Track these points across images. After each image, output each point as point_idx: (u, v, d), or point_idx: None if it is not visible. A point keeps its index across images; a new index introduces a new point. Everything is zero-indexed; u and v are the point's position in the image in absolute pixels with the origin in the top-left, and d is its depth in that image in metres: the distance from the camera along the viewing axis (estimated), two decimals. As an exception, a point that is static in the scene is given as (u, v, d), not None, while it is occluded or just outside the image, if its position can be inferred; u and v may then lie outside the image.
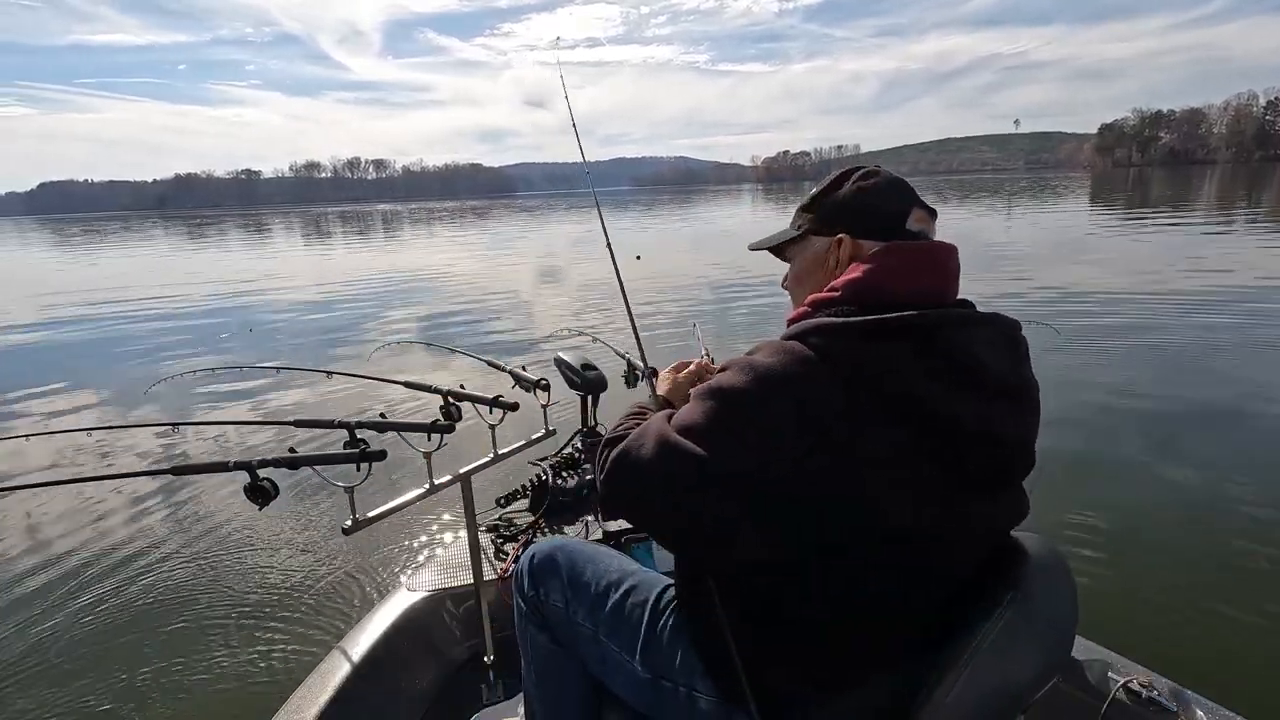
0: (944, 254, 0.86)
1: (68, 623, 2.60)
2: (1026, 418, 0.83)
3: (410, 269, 15.04)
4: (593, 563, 1.09)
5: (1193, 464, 3.49)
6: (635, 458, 0.81)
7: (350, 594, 2.67)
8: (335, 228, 41.40)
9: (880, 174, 0.93)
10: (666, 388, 1.11)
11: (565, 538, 1.29)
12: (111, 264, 21.21)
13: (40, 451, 4.19)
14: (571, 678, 1.10)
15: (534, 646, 1.14)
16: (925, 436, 0.73)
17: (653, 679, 0.97)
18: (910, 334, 0.75)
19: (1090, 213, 23.95)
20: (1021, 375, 0.84)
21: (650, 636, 0.98)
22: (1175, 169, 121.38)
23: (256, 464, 1.17)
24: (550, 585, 1.10)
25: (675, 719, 0.95)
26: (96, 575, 2.92)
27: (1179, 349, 5.58)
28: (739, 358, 0.80)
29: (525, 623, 1.15)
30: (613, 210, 47.57)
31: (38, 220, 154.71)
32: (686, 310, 8.24)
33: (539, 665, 1.15)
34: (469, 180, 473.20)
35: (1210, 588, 2.50)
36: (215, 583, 2.82)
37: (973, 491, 0.78)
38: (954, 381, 0.75)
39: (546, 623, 1.11)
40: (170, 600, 2.72)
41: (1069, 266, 10.47)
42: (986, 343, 0.79)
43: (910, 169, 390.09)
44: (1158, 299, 7.54)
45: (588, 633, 1.04)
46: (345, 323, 8.82)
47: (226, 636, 2.46)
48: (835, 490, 0.72)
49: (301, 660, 2.27)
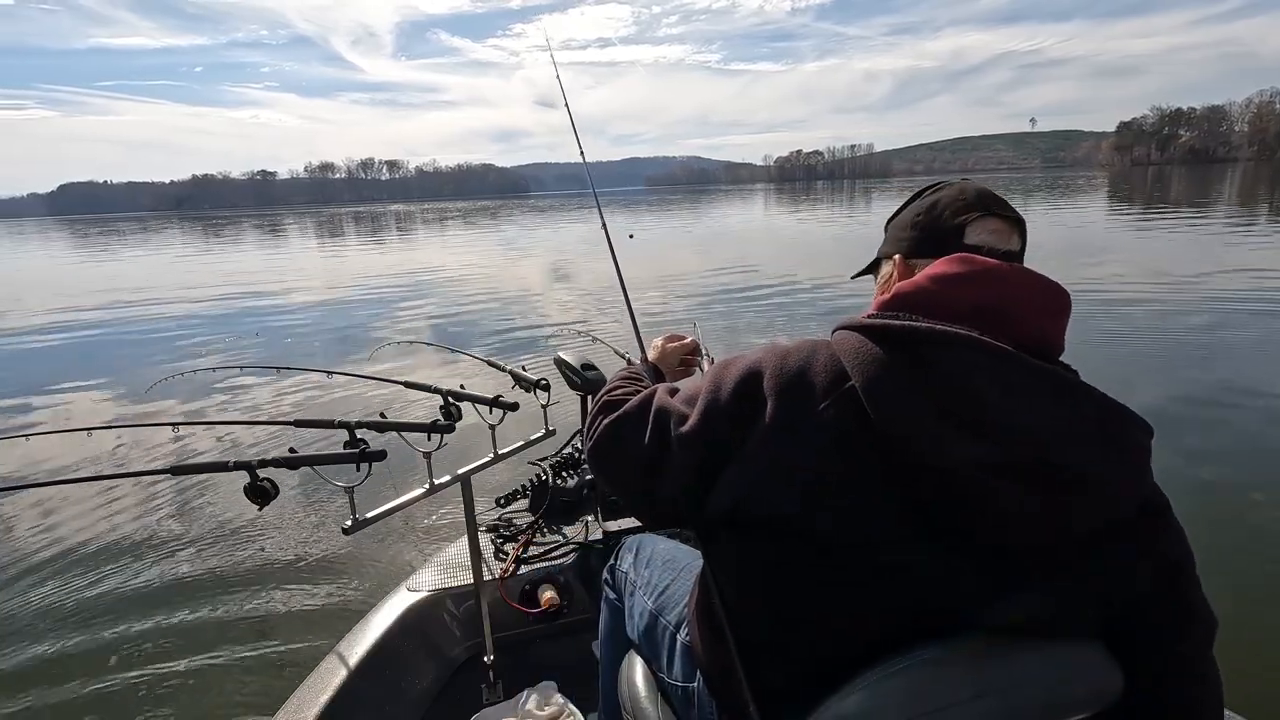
0: (1025, 277, 0.71)
1: (67, 622, 2.61)
2: (1027, 474, 0.61)
3: (416, 269, 15.12)
4: (657, 542, 1.28)
5: (1194, 464, 3.48)
6: (633, 427, 0.84)
7: (350, 594, 2.68)
8: (347, 228, 41.78)
9: (949, 186, 0.86)
10: (655, 355, 1.18)
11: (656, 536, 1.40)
12: (120, 265, 21.50)
13: (40, 451, 4.22)
14: (619, 630, 1.26)
15: (606, 603, 1.33)
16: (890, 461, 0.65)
17: (652, 615, 1.10)
18: (901, 341, 0.66)
19: (1106, 212, 23.66)
20: (1040, 425, 0.62)
21: (669, 585, 1.11)
22: (1196, 167, 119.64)
23: (256, 464, 1.18)
24: (626, 560, 1.30)
25: (660, 654, 1.05)
26: (96, 575, 2.93)
27: (1182, 350, 5.54)
28: (761, 346, 0.80)
29: (606, 586, 1.34)
30: (625, 210, 47.63)
31: (59, 221, 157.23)
32: (691, 309, 8.27)
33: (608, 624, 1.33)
34: (482, 180, 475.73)
35: (1211, 587, 2.48)
36: (215, 583, 2.83)
37: (941, 543, 0.66)
38: (934, 404, 0.63)
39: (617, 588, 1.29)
40: (169, 600, 2.73)
41: (1075, 267, 10.39)
42: (996, 378, 0.63)
43: (924, 169, 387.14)
44: (1163, 299, 7.46)
45: (633, 589, 1.20)
46: (347, 323, 8.87)
47: (226, 636, 2.47)
48: (813, 478, 0.68)
49: (301, 660, 2.28)
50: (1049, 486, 0.62)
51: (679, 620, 1.03)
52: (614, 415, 0.87)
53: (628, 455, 0.84)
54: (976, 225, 0.80)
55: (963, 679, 0.66)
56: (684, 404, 0.79)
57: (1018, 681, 0.67)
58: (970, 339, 0.65)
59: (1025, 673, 0.68)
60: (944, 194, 0.85)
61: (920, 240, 0.84)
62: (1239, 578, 2.55)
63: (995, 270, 0.71)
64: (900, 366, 0.65)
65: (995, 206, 0.82)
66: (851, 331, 0.70)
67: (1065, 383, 0.64)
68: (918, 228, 0.85)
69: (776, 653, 0.78)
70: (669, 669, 1.02)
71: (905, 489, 0.66)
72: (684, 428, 0.77)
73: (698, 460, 0.75)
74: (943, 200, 0.84)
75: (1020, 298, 0.70)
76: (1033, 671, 0.68)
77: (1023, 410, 0.62)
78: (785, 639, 0.76)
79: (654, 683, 1.06)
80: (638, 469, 0.82)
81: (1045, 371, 0.64)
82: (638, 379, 1.05)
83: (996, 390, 0.62)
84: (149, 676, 2.29)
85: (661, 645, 1.05)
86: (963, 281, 0.71)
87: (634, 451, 0.83)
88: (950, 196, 0.84)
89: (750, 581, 0.78)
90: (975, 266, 0.72)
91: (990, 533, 0.64)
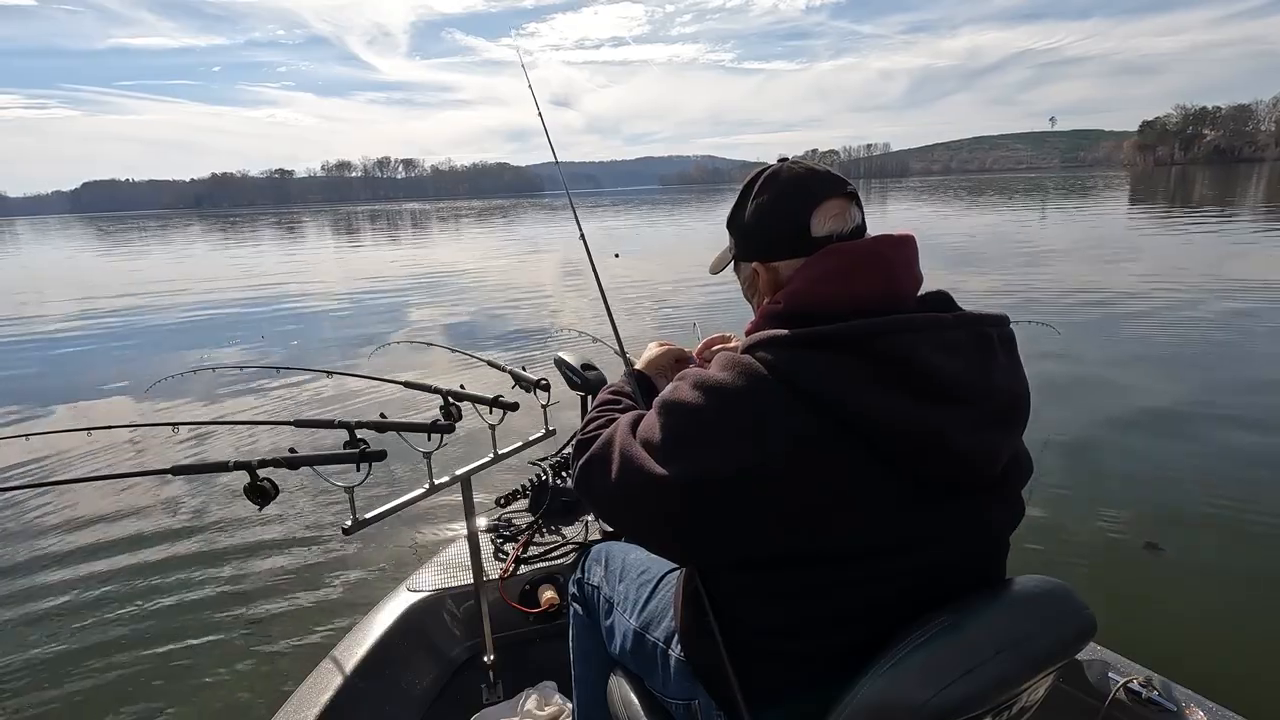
0: (885, 249, 0.79)
1: (66, 622, 2.61)
2: (996, 421, 0.74)
3: (421, 268, 15.13)
4: (628, 552, 1.23)
5: (1195, 465, 3.46)
6: (600, 471, 0.83)
7: (350, 594, 2.67)
8: (361, 226, 42.08)
9: (776, 179, 0.86)
10: (644, 363, 1.15)
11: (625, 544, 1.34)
12: (137, 262, 21.74)
13: (40, 451, 4.25)
14: (594, 650, 1.22)
15: (575, 620, 1.29)
16: (875, 448, 0.69)
17: (638, 633, 1.06)
18: (850, 344, 0.70)
19: (1129, 213, 23.28)
20: (991, 378, 0.74)
21: (649, 599, 1.08)
22: (1221, 167, 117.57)
23: (256, 464, 1.18)
24: (593, 573, 1.25)
25: (654, 672, 1.02)
26: (95, 575, 2.93)
27: (1172, 352, 5.47)
28: (695, 370, 0.80)
29: (573, 601, 1.29)
30: (638, 208, 47.64)
31: (81, 218, 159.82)
32: (695, 310, 8.27)
33: (578, 644, 1.28)
34: (497, 179, 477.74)
35: (1211, 588, 2.50)
36: (215, 583, 2.83)
37: (932, 504, 0.73)
38: (904, 389, 0.69)
39: (589, 603, 1.25)
40: (169, 600, 2.73)
41: (1076, 265, 10.29)
42: (939, 346, 0.71)
43: (942, 168, 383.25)
44: (1169, 299, 7.33)
45: (609, 605, 1.17)
46: (350, 322, 8.89)
47: (226, 636, 2.48)
48: (786, 505, 0.70)
49: (301, 660, 2.28)
50: (1004, 422, 0.75)
51: (667, 635, 1.00)
52: (583, 459, 0.88)
53: (600, 500, 0.85)
54: (818, 215, 0.82)
55: (982, 638, 0.69)
56: (645, 449, 0.78)
57: (1029, 632, 0.71)
58: (912, 319, 0.72)
59: (1031, 621, 0.73)
60: (772, 192, 0.85)
61: (771, 244, 0.85)
62: (1240, 578, 2.55)
63: (864, 255, 0.78)
64: (868, 363, 0.70)
65: (824, 188, 0.83)
66: (783, 349, 0.72)
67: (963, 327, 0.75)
68: (764, 233, 0.86)
69: (775, 655, 0.78)
70: (665, 686, 1.00)
71: (901, 475, 0.71)
72: (647, 476, 0.76)
73: (673, 508, 0.75)
74: (774, 200, 0.85)
75: (894, 263, 0.78)
76: (1036, 618, 0.73)
77: (959, 361, 0.72)
78: (785, 643, 0.77)
79: (651, 701, 1.04)
80: (615, 510, 0.84)
81: (943, 321, 0.74)
82: (615, 403, 1.02)
83: (940, 356, 0.71)
84: (148, 676, 2.30)
85: (654, 663, 1.02)
86: (844, 276, 0.77)
87: (604, 494, 0.83)
88: (779, 193, 0.85)
89: (750, 591, 0.79)
90: (844, 260, 0.78)
91: (971, 479, 0.74)
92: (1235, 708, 1.15)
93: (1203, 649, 2.19)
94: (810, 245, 0.82)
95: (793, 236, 0.83)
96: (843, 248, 0.80)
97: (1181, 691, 1.18)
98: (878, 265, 0.78)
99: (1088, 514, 3.00)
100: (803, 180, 0.85)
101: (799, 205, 0.83)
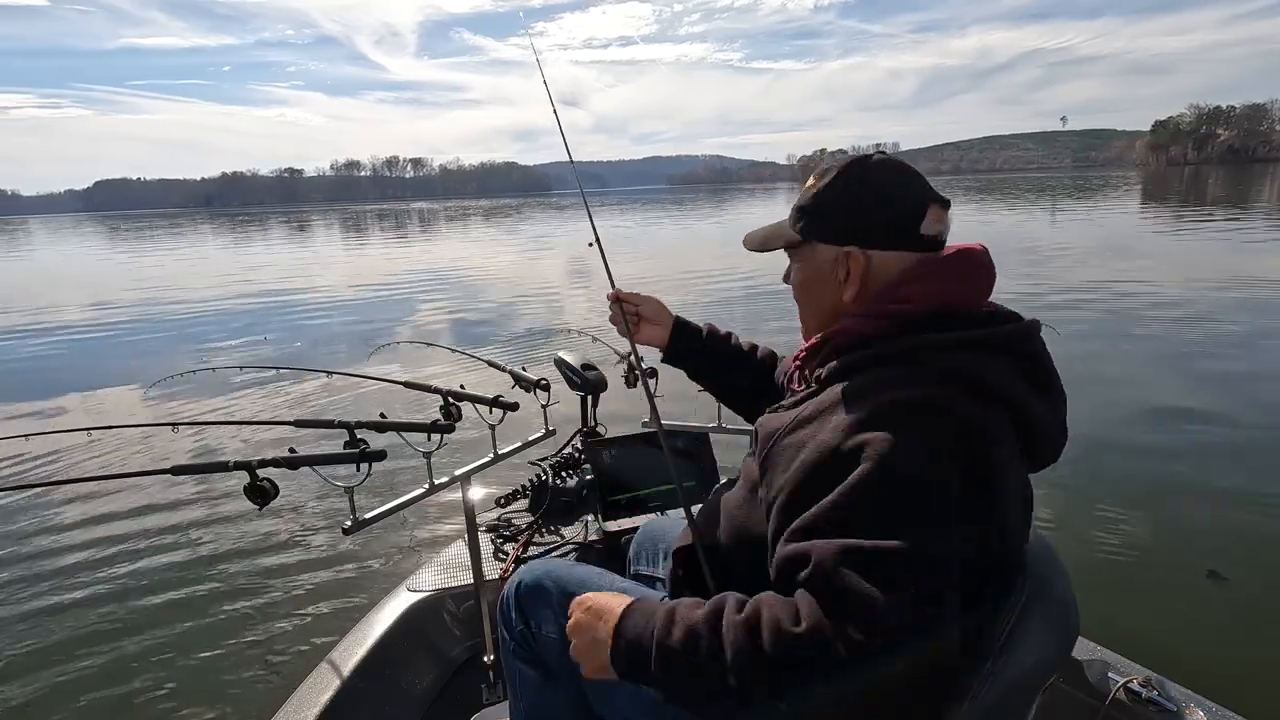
0: (988, 259, 0.85)
1: (66, 623, 2.62)
2: (1061, 407, 0.85)
3: (424, 268, 15.13)
4: (585, 586, 0.99)
5: (1196, 465, 3.46)
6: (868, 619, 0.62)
7: (350, 594, 2.68)
8: (369, 225, 42.22)
9: (884, 164, 0.85)
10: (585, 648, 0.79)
11: (552, 561, 1.23)
12: (147, 259, 21.86)
13: (40, 451, 4.25)
14: (565, 714, 1.04)
15: (523, 682, 1.08)
16: (1025, 443, 0.78)
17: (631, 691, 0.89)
18: (1008, 346, 0.77)
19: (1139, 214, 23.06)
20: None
21: None
22: (1235, 167, 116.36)
23: (256, 464, 1.18)
24: (542, 615, 1.02)
25: None
26: (95, 576, 2.94)
27: (1191, 353, 5.42)
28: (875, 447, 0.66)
29: (512, 658, 1.08)
30: (645, 207, 47.62)
31: (93, 217, 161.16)
32: (698, 310, 8.25)
33: (529, 701, 1.08)
34: (505, 178, 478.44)
35: (1211, 588, 2.49)
36: (214, 583, 2.84)
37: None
38: (1033, 385, 0.78)
39: (539, 657, 1.05)
40: (169, 600, 2.74)
41: (1078, 266, 10.20)
42: (1044, 346, 0.82)
43: (951, 167, 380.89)
44: (1172, 298, 7.26)
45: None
46: (351, 322, 8.89)
47: (226, 636, 2.48)
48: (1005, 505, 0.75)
49: (301, 660, 2.28)
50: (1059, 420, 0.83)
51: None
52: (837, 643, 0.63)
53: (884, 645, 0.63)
54: (929, 213, 0.82)
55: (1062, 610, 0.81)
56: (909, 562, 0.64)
57: (1071, 609, 0.83)
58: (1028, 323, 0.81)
59: (1071, 603, 0.83)
60: (882, 176, 0.84)
61: (880, 231, 0.83)
62: (1241, 578, 2.54)
63: (982, 262, 0.84)
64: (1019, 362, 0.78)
65: (934, 192, 0.84)
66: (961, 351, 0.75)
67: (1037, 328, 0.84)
68: (876, 218, 0.83)
69: None
70: None
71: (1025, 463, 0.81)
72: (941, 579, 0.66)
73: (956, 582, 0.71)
74: (887, 184, 0.83)
75: (988, 276, 0.85)
76: (1071, 603, 0.83)
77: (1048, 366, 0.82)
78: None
79: None
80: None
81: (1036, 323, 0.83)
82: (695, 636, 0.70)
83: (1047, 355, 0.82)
84: (148, 676, 2.30)
85: None
86: (973, 279, 0.83)
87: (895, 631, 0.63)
88: (890, 180, 0.84)
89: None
90: (970, 264, 0.83)
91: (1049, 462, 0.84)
92: (1235, 708, 1.15)
93: (1203, 649, 2.18)
94: (916, 241, 0.82)
95: (902, 226, 0.82)
96: (972, 253, 0.85)
97: (1181, 691, 1.18)
98: (989, 273, 0.85)
99: (1087, 514, 2.99)
100: (914, 174, 0.85)
101: (918, 197, 0.83)
